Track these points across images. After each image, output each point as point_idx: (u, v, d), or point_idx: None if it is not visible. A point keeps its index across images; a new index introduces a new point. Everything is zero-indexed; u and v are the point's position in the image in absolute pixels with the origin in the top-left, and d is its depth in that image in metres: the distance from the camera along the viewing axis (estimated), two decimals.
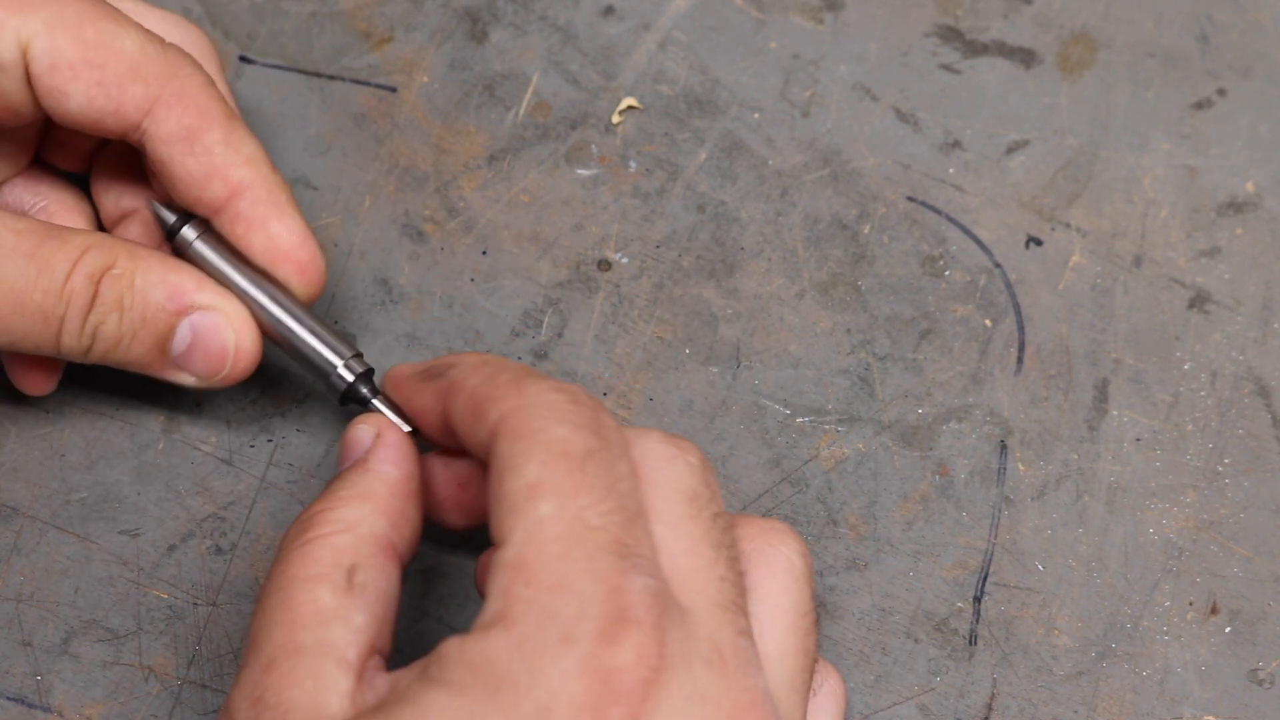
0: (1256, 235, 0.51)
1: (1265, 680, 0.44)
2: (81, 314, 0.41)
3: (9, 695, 0.43)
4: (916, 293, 0.49)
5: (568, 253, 0.50)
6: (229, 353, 0.42)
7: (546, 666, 0.33)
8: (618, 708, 0.33)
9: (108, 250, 0.41)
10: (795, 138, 0.52)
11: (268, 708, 0.35)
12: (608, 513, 0.35)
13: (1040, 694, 0.44)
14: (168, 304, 0.42)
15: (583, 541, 0.34)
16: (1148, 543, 0.46)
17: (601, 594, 0.34)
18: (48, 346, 0.41)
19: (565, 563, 0.34)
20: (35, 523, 0.45)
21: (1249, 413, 0.48)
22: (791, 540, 0.39)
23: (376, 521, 0.38)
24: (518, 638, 0.33)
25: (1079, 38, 0.54)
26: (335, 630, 0.36)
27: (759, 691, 0.35)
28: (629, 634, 0.33)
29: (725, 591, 0.36)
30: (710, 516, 0.37)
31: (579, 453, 0.35)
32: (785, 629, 0.38)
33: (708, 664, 0.34)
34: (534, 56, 0.53)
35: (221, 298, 0.43)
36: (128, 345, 0.42)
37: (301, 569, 0.37)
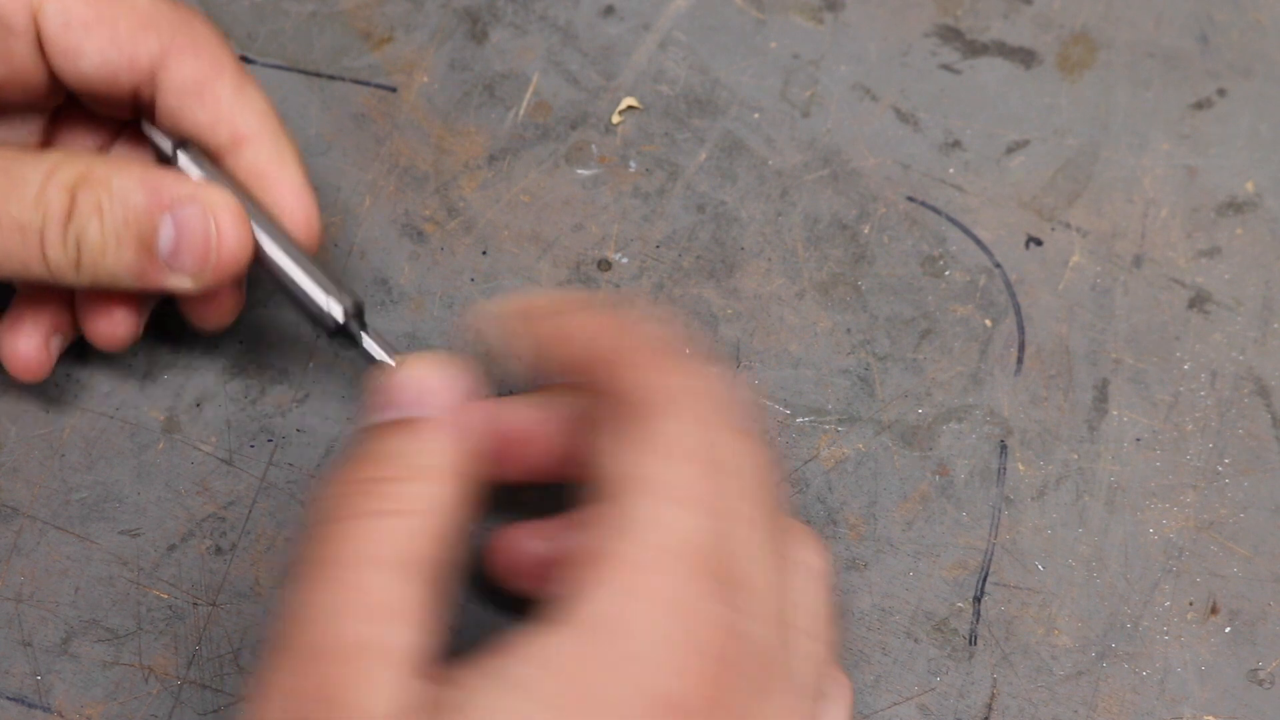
0: (1256, 235, 0.51)
1: (1265, 680, 0.44)
2: (60, 223, 0.40)
3: (9, 695, 0.43)
4: (916, 293, 0.49)
5: (568, 253, 0.50)
6: (211, 240, 0.41)
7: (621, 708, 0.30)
8: None
9: (81, 161, 0.41)
10: (795, 138, 0.52)
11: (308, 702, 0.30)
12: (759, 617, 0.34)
13: (1040, 694, 0.44)
14: (147, 201, 0.41)
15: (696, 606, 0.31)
16: (1148, 543, 0.46)
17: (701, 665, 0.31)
18: (35, 264, 0.40)
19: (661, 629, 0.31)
20: (35, 523, 0.45)
21: (1249, 413, 0.48)
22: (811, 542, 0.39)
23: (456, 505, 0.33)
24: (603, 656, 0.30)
25: (1079, 38, 0.54)
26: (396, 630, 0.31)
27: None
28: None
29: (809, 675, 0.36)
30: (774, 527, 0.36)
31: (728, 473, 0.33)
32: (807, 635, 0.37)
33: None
34: (534, 56, 0.53)
35: (202, 188, 0.41)
36: (115, 252, 0.41)
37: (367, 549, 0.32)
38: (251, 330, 0.48)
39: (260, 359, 0.48)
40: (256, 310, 0.48)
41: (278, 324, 0.48)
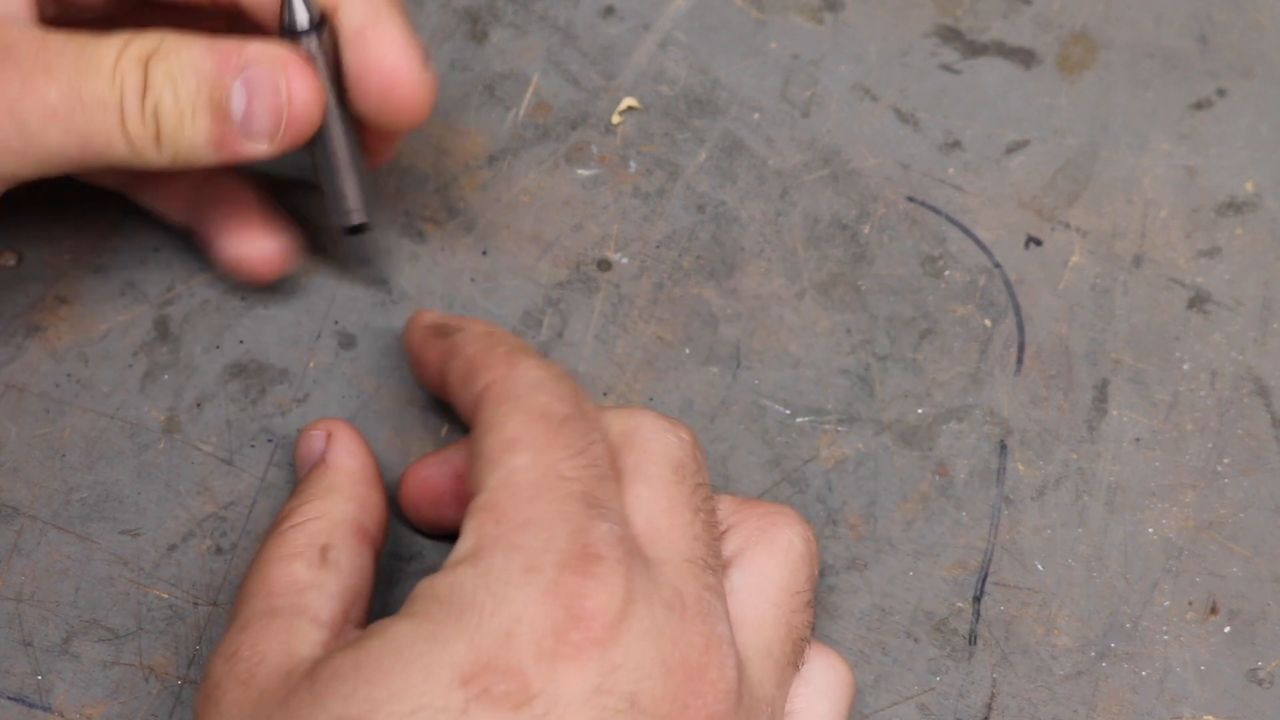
0: (1256, 235, 0.51)
1: (1265, 680, 0.44)
2: (137, 96, 0.40)
3: (9, 695, 0.43)
4: (916, 293, 0.49)
5: (568, 253, 0.50)
6: (282, 96, 0.41)
7: (511, 593, 0.34)
8: (579, 633, 0.34)
9: (151, 36, 0.41)
10: (795, 138, 0.52)
11: (241, 659, 0.36)
12: (580, 467, 0.37)
13: (1040, 694, 0.44)
14: (217, 67, 0.41)
15: (553, 488, 0.36)
16: (1147, 542, 0.46)
17: (568, 532, 0.35)
18: (117, 139, 0.41)
19: (535, 504, 0.36)
20: (35, 523, 0.45)
21: (1249, 413, 0.48)
22: (796, 524, 0.41)
23: (346, 507, 0.41)
24: (484, 568, 0.35)
25: (1079, 38, 0.54)
26: (310, 596, 0.38)
27: (716, 637, 0.36)
28: (594, 567, 0.35)
29: (696, 549, 0.37)
30: (693, 485, 0.39)
31: (556, 416, 0.38)
32: (767, 600, 0.39)
33: (669, 606, 0.36)
34: (534, 56, 0.53)
35: (270, 49, 0.41)
36: (191, 120, 0.41)
37: (278, 551, 0.39)
38: (251, 330, 0.48)
39: (260, 359, 0.48)
40: (256, 310, 0.48)
41: (278, 324, 0.48)
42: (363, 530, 0.40)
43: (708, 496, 0.39)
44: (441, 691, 0.33)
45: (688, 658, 0.35)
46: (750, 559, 0.40)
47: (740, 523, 0.40)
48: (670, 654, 0.35)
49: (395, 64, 0.42)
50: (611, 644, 0.34)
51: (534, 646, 0.34)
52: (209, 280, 0.49)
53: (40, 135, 0.40)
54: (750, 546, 0.40)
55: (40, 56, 0.40)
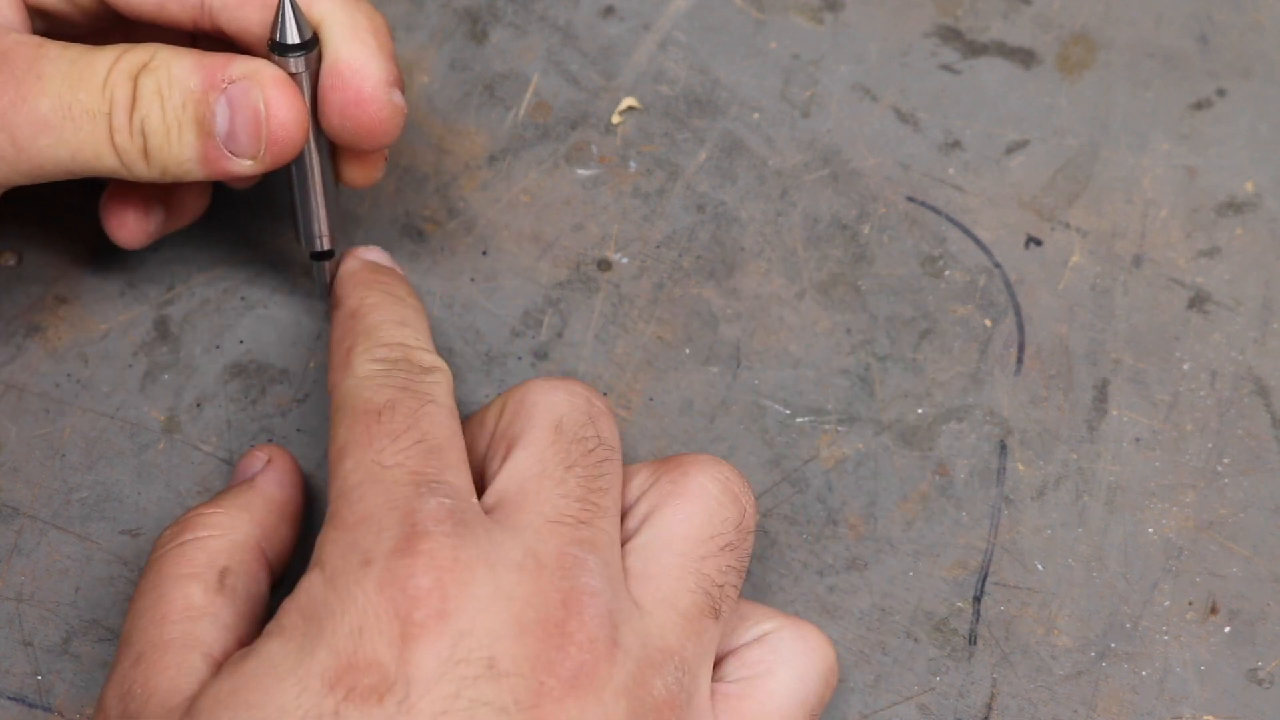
0: (1256, 235, 0.51)
1: (1265, 680, 0.44)
2: (126, 109, 0.41)
3: (9, 695, 0.43)
4: (916, 293, 0.49)
5: (568, 253, 0.50)
6: (261, 115, 0.41)
7: (353, 589, 0.35)
8: (419, 610, 0.34)
9: (144, 49, 0.41)
10: (795, 138, 0.52)
11: (134, 699, 0.37)
12: (403, 449, 0.37)
13: (1040, 694, 0.44)
14: (203, 83, 0.41)
15: (378, 479, 0.37)
16: (1147, 542, 0.46)
17: (396, 518, 0.36)
18: (106, 152, 0.41)
19: (364, 501, 0.36)
20: (36, 523, 0.45)
21: (1249, 413, 0.48)
22: (710, 467, 0.40)
23: (251, 530, 0.41)
24: (330, 573, 0.36)
25: (1079, 38, 0.54)
26: (203, 626, 0.38)
27: (577, 590, 0.36)
28: (420, 544, 0.35)
29: (564, 506, 0.38)
30: (573, 440, 0.39)
31: (377, 406, 0.38)
32: (669, 551, 0.39)
33: (518, 568, 0.36)
34: (534, 56, 0.53)
35: (254, 65, 0.41)
36: (177, 137, 0.41)
37: (175, 568, 0.39)
38: (251, 330, 0.48)
39: (260, 359, 0.48)
40: (256, 310, 0.48)
41: (278, 324, 0.48)
42: (263, 555, 0.41)
43: (592, 449, 0.39)
44: (314, 700, 0.34)
45: (545, 615, 0.35)
46: (658, 513, 0.39)
47: (654, 483, 0.40)
48: (523, 613, 0.35)
49: (362, 84, 0.42)
50: (453, 614, 0.34)
51: (384, 635, 0.34)
52: (209, 280, 0.49)
53: (31, 144, 0.40)
54: (660, 502, 0.40)
55: (34, 66, 0.40)
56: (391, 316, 0.42)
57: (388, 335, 0.41)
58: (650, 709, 0.36)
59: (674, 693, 0.37)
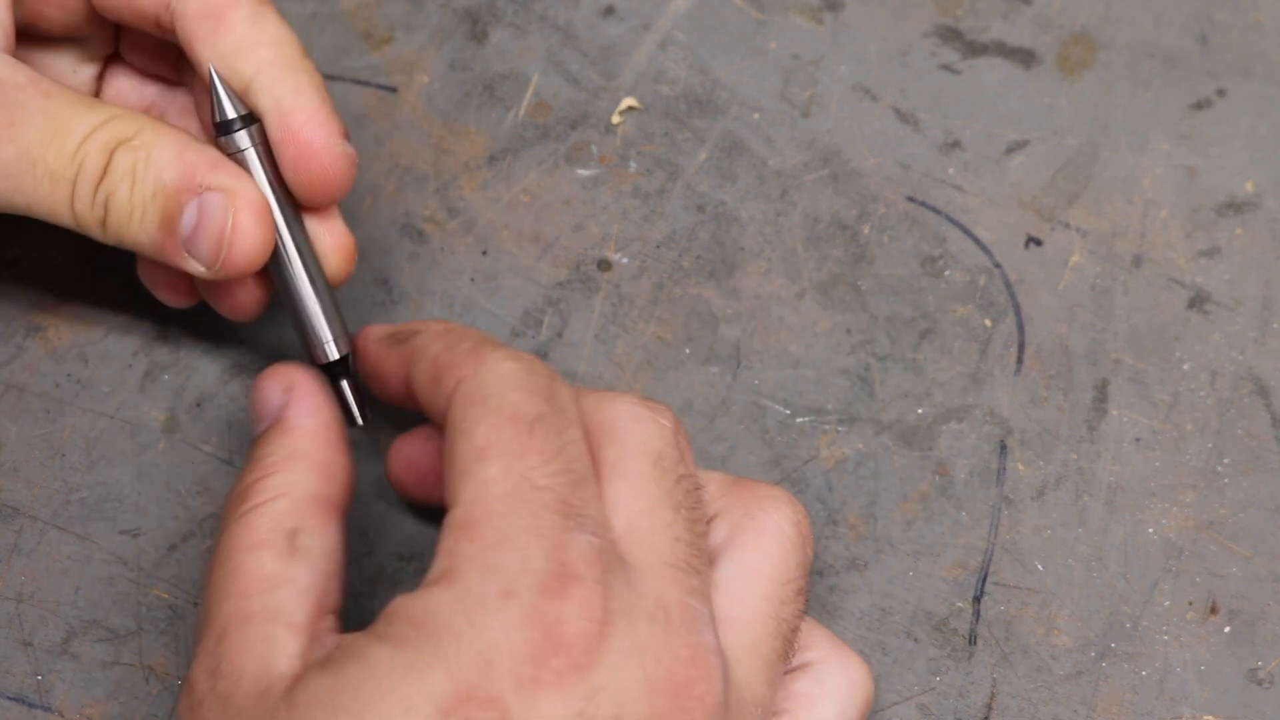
0: (1256, 235, 0.51)
1: (1265, 680, 0.44)
2: (93, 181, 0.40)
3: (9, 695, 0.43)
4: (916, 293, 0.49)
5: (568, 253, 0.50)
6: (226, 234, 0.40)
7: (488, 619, 0.33)
8: (558, 659, 0.33)
9: (130, 122, 0.41)
10: (795, 138, 0.52)
11: (223, 677, 0.35)
12: (554, 474, 0.35)
13: (1040, 694, 0.44)
14: (180, 181, 0.40)
15: (528, 500, 0.35)
16: (1147, 543, 0.46)
17: (544, 550, 0.34)
18: (63, 212, 0.41)
19: (509, 520, 0.35)
20: (36, 523, 0.45)
21: (1249, 413, 0.48)
22: (784, 507, 0.39)
23: (310, 481, 0.39)
24: (460, 592, 0.34)
25: (1079, 38, 0.54)
26: (282, 595, 0.37)
27: (703, 648, 0.35)
28: (571, 588, 0.34)
29: (679, 552, 0.36)
30: (675, 478, 0.38)
31: (529, 417, 0.36)
32: (755, 594, 0.38)
33: (651, 619, 0.35)
34: (534, 56, 0.53)
35: (235, 179, 0.41)
36: (139, 221, 0.41)
37: (244, 538, 0.37)
38: (251, 330, 0.48)
39: (260, 359, 0.48)
40: None
41: (278, 324, 0.48)
42: (329, 504, 0.39)
43: (691, 489, 0.38)
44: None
45: (674, 672, 0.34)
46: (737, 549, 0.39)
47: (728, 508, 0.39)
48: (655, 670, 0.34)
49: (312, 136, 0.42)
50: (592, 667, 0.33)
51: (513, 675, 0.33)
52: None
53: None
54: (737, 535, 0.39)
55: (12, 111, 0.40)
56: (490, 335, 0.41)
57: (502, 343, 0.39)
58: None
59: None
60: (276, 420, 0.40)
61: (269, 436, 0.40)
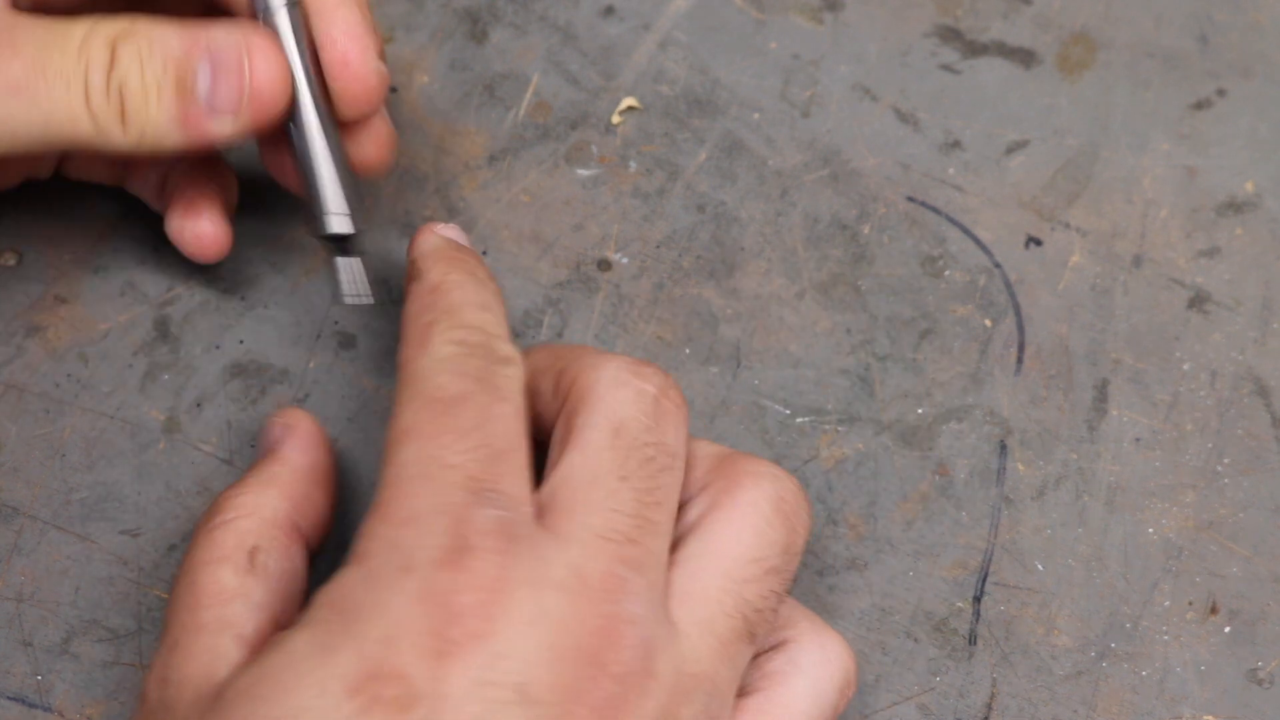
0: (1256, 235, 0.51)
1: (1265, 680, 0.44)
2: (103, 71, 0.40)
3: (9, 695, 0.43)
4: (916, 293, 0.49)
5: (568, 253, 0.50)
6: (245, 72, 0.41)
7: (390, 596, 0.34)
8: (456, 629, 0.33)
9: (122, 19, 0.41)
10: (795, 138, 0.52)
11: (170, 685, 0.36)
12: (466, 450, 0.36)
13: (1040, 694, 0.44)
14: (184, 46, 0.41)
15: (435, 479, 0.36)
16: (1147, 542, 0.46)
17: (444, 525, 0.35)
18: (81, 115, 0.41)
19: (417, 499, 0.35)
20: (35, 522, 0.45)
21: (1249, 413, 0.48)
22: (765, 484, 0.39)
23: (280, 505, 0.40)
24: (366, 571, 0.35)
25: (1079, 38, 0.54)
26: (235, 608, 0.38)
27: (618, 618, 0.35)
28: (465, 559, 0.34)
29: (615, 521, 0.36)
30: (631, 447, 0.37)
31: (450, 397, 0.37)
32: (715, 571, 0.38)
33: (561, 588, 0.35)
34: (534, 56, 0.53)
35: (238, 27, 0.41)
36: (156, 98, 0.41)
37: (207, 552, 0.39)
38: (251, 330, 0.48)
39: (260, 359, 0.48)
40: (256, 310, 0.48)
41: (278, 324, 0.48)
42: (296, 531, 0.40)
43: (650, 459, 0.38)
44: (333, 704, 0.33)
45: (580, 641, 0.34)
46: (707, 525, 0.38)
47: (711, 483, 0.39)
48: (561, 639, 0.34)
49: (346, 48, 0.42)
50: (491, 636, 0.34)
51: (416, 648, 0.33)
52: (209, 280, 0.49)
53: (3, 109, 0.40)
54: (711, 510, 0.38)
55: (7, 34, 0.40)
56: (475, 298, 0.41)
57: (470, 318, 0.40)
58: None
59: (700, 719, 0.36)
60: (269, 450, 0.42)
61: (258, 464, 0.42)
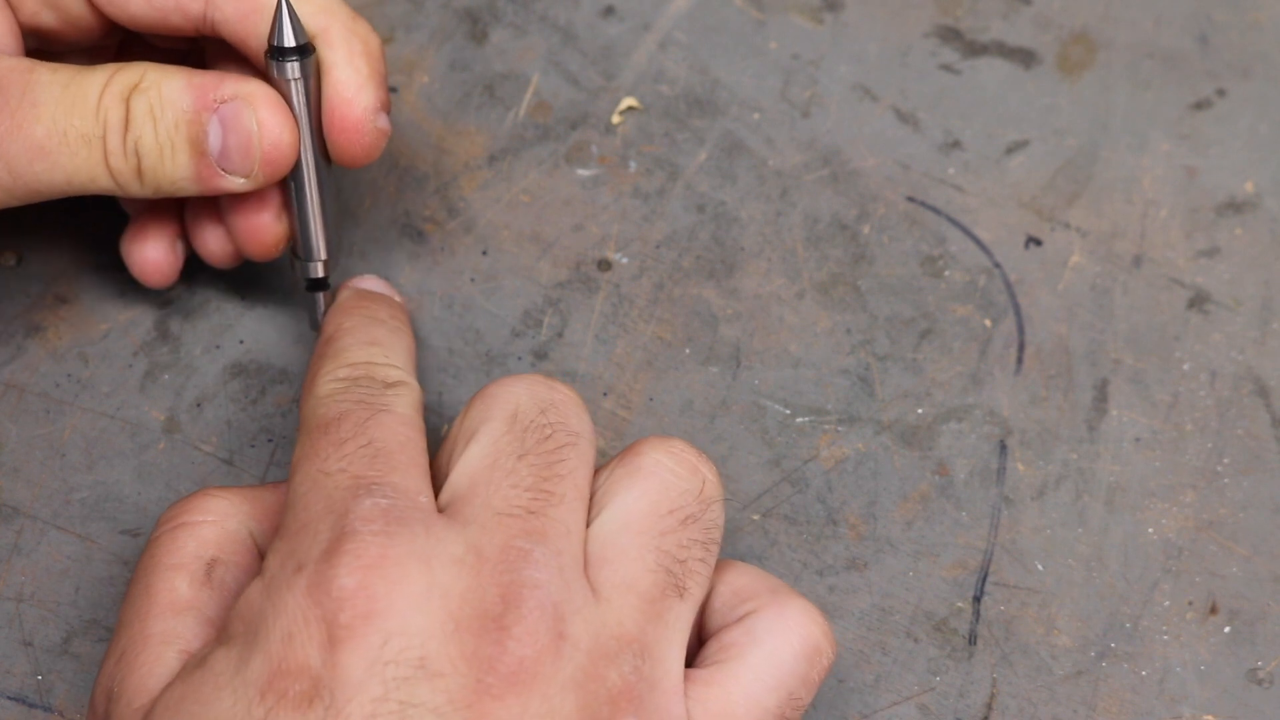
0: (1256, 235, 0.51)
1: (1265, 680, 0.44)
2: (120, 132, 0.41)
3: (9, 695, 0.43)
4: (916, 293, 0.49)
5: (568, 253, 0.50)
6: (254, 134, 0.42)
7: (284, 596, 0.35)
8: (345, 613, 0.34)
9: (133, 70, 0.42)
10: (795, 138, 0.52)
11: (115, 699, 0.37)
12: (347, 455, 0.37)
13: (1040, 694, 0.44)
14: (195, 103, 0.41)
15: (320, 486, 0.36)
16: (1147, 542, 0.46)
17: (330, 522, 0.35)
18: (100, 173, 0.42)
19: (306, 510, 0.36)
20: (36, 523, 0.45)
21: (1248, 413, 0.48)
22: (660, 444, 0.39)
23: (245, 521, 0.40)
24: (268, 580, 0.35)
25: (1078, 38, 0.54)
26: (185, 621, 0.38)
27: (519, 584, 0.35)
28: (346, 544, 0.35)
29: (513, 498, 0.37)
30: (526, 427, 0.38)
31: (328, 420, 0.38)
32: (626, 531, 0.38)
33: (458, 563, 0.35)
34: (534, 56, 0.53)
35: (245, 84, 0.42)
36: (171, 156, 0.42)
37: (165, 556, 0.39)
38: (251, 330, 0.48)
39: (260, 359, 0.48)
40: (256, 310, 0.48)
41: (277, 324, 0.48)
42: (255, 550, 0.40)
43: (547, 435, 0.38)
44: (246, 708, 0.34)
45: (482, 610, 0.34)
46: (613, 495, 0.38)
47: (614, 465, 0.39)
48: (459, 610, 0.34)
49: (351, 107, 0.43)
50: (380, 614, 0.34)
51: (312, 640, 0.34)
52: (209, 280, 0.49)
53: (27, 170, 0.41)
54: (615, 483, 0.39)
55: (28, 94, 0.41)
56: (362, 338, 0.42)
57: (353, 355, 0.41)
58: (604, 700, 0.35)
59: (631, 682, 0.35)
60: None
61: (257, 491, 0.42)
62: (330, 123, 0.43)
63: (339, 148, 0.43)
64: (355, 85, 0.43)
